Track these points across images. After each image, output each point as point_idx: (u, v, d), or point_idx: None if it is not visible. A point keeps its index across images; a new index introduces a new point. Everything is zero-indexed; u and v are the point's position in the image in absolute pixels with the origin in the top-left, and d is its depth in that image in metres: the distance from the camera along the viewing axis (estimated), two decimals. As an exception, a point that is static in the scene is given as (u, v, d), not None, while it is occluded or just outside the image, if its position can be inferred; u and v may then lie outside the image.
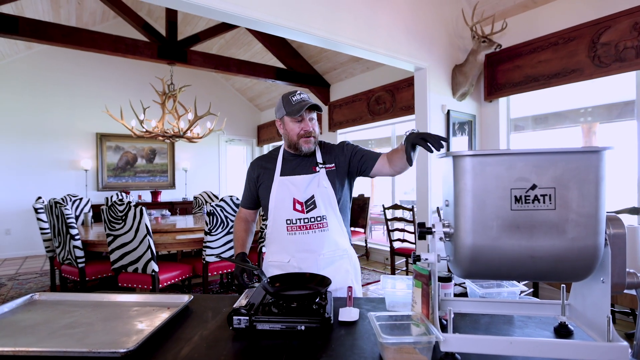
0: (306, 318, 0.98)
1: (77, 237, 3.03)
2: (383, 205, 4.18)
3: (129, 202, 2.76)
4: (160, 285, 2.87)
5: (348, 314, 1.11)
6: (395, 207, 4.13)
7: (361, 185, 6.49)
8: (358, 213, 5.49)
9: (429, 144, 1.07)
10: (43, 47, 6.00)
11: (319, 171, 1.45)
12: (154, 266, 2.79)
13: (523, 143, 3.95)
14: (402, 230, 4.07)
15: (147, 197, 6.79)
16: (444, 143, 1.07)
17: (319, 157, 1.48)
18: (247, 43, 6.24)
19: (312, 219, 1.40)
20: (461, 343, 0.79)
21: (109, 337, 0.98)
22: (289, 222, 1.40)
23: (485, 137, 4.00)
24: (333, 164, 1.48)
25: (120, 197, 4.97)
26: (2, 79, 5.78)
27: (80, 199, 4.36)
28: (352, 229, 5.51)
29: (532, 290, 3.21)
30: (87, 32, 4.11)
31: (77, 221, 4.25)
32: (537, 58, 3.44)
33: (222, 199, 3.19)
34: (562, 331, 0.97)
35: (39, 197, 3.68)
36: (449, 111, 3.64)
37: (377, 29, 3.13)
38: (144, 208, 2.77)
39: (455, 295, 1.26)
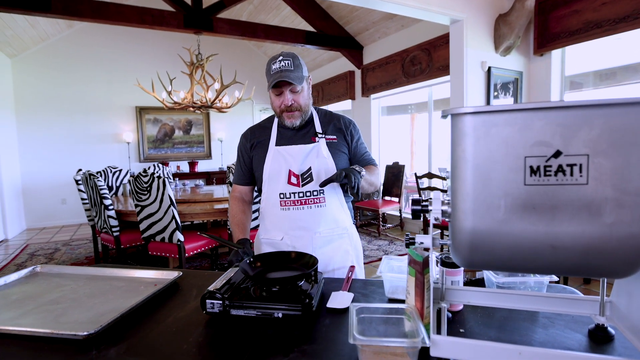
0: (285, 304, 0.87)
1: (110, 207, 3.15)
2: (415, 174, 3.94)
3: (153, 174, 2.79)
4: (187, 254, 2.94)
5: (339, 299, 0.98)
6: (429, 175, 3.87)
7: (396, 153, 6.19)
8: (392, 182, 5.26)
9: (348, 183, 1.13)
10: (82, 24, 6.16)
11: (318, 141, 1.30)
12: (179, 236, 2.84)
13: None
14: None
15: (185, 167, 7.01)
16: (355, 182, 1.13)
17: (318, 127, 1.33)
18: (275, 7, 5.97)
19: (308, 194, 1.26)
20: (454, 348, 0.64)
21: (87, 315, 0.95)
22: (282, 196, 1.27)
23: (533, 98, 3.54)
24: (335, 137, 1.33)
25: (145, 169, 5.11)
26: (49, 58, 6.07)
27: (120, 170, 4.56)
28: (386, 198, 5.31)
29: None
30: (115, 5, 4.10)
31: (117, 192, 4.46)
32: (601, -1, 2.90)
33: (244, 170, 3.14)
34: (599, 335, 0.78)
35: (79, 170, 3.88)
36: (490, 68, 3.22)
37: (407, -24, 2.78)
38: (166, 179, 2.78)
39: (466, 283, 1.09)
